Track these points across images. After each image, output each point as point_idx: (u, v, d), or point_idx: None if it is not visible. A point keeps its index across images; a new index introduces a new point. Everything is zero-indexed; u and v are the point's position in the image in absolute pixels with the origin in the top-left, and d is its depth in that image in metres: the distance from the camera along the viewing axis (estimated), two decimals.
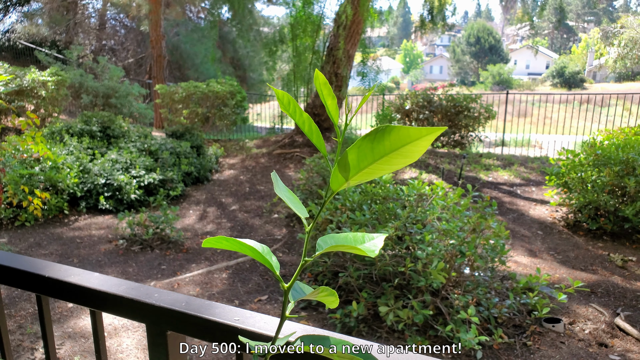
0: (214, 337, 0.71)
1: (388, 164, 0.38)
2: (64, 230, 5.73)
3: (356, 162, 0.38)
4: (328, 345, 0.42)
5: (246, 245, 0.45)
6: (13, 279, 0.87)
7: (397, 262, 3.47)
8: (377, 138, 0.37)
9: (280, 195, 0.48)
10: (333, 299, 0.44)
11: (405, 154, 0.37)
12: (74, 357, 3.22)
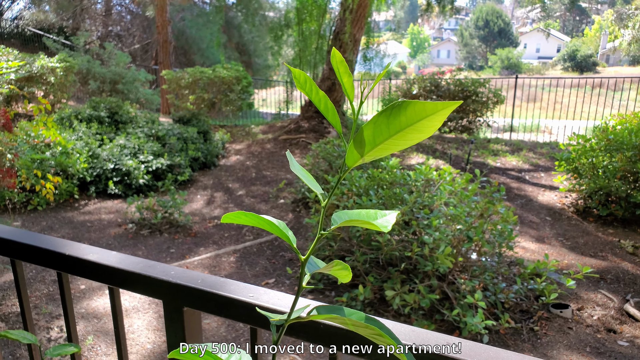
0: (229, 312, 0.73)
1: (403, 139, 0.40)
2: (75, 214, 5.80)
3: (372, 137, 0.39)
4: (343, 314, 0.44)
5: (264, 220, 0.46)
6: (35, 257, 0.90)
7: (403, 246, 3.49)
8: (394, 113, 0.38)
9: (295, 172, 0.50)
10: (346, 273, 0.46)
11: (420, 129, 0.39)
12: (88, 337, 3.29)
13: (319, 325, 0.65)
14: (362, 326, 0.42)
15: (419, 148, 8.66)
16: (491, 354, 0.57)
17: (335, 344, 0.66)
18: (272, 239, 5.20)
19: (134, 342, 3.28)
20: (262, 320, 0.71)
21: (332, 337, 0.65)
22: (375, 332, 0.42)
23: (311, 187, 0.48)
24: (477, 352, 0.58)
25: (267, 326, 0.69)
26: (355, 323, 0.42)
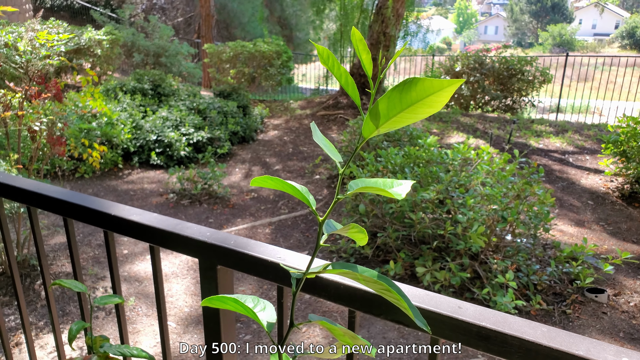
0: (258, 272, 0.78)
1: (414, 113, 0.43)
2: (119, 183, 6.06)
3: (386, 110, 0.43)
4: (355, 270, 0.48)
5: (288, 184, 0.51)
6: (85, 216, 0.99)
7: (437, 225, 3.50)
8: (405, 89, 0.41)
9: (317, 141, 0.54)
10: (362, 235, 0.50)
11: (429, 103, 0.42)
12: (130, 298, 3.49)
13: (339, 285, 0.70)
14: (372, 281, 0.46)
15: (459, 127, 8.51)
16: (499, 319, 0.60)
17: (354, 304, 0.70)
18: (307, 213, 5.29)
19: (172, 305, 3.46)
20: (287, 279, 0.76)
21: (352, 298, 0.70)
22: (384, 287, 0.46)
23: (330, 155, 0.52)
24: (486, 316, 0.61)
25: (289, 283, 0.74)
26: (366, 278, 0.46)
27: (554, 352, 0.55)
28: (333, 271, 0.49)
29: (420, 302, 0.64)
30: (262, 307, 0.56)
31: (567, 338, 0.56)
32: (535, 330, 0.58)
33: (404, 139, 6.00)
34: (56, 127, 3.50)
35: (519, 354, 0.58)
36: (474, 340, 0.60)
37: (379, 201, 3.92)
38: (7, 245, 1.23)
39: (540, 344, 0.56)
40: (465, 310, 0.62)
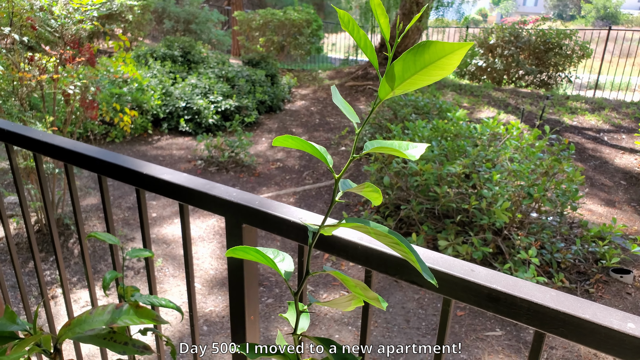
0: (281, 230, 0.82)
1: (427, 75, 0.44)
2: (148, 149, 6.19)
3: (401, 73, 0.44)
4: (367, 225, 0.50)
5: (308, 144, 0.53)
6: (118, 174, 1.04)
7: (461, 199, 3.49)
8: (419, 52, 0.43)
9: (336, 102, 0.55)
10: (377, 195, 0.52)
11: (441, 66, 0.43)
12: (158, 259, 3.62)
13: (357, 245, 0.73)
14: (382, 235, 0.49)
15: (490, 102, 8.33)
16: (510, 282, 0.62)
17: (370, 264, 0.73)
18: (331, 184, 5.32)
19: (198, 267, 3.57)
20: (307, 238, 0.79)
21: (368, 258, 0.73)
22: (394, 241, 0.49)
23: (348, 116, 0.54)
24: (497, 279, 0.63)
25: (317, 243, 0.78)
26: (377, 232, 0.49)
27: (560, 314, 0.57)
28: (346, 225, 0.52)
29: (434, 264, 0.67)
30: (281, 258, 0.60)
31: (574, 302, 0.58)
32: (544, 294, 0.59)
33: (433, 112, 5.92)
34: (89, 91, 3.58)
35: (527, 316, 0.60)
36: (485, 301, 0.63)
37: (404, 174, 3.92)
38: (47, 203, 1.30)
39: (548, 307, 0.58)
40: (477, 273, 0.64)
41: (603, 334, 0.54)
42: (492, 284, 0.62)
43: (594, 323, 0.55)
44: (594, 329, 0.55)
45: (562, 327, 0.57)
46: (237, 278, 0.93)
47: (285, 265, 0.59)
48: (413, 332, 2.89)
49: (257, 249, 0.54)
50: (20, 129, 1.26)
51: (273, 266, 0.56)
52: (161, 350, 1.15)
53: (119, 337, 0.87)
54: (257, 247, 0.67)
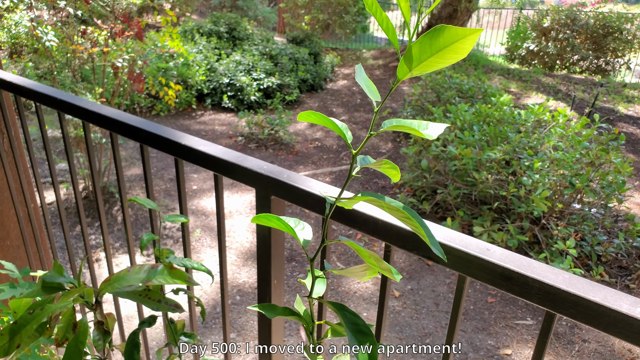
0: (306, 203, 0.85)
1: (442, 58, 0.46)
2: (191, 123, 6.35)
3: (418, 54, 0.46)
4: (382, 199, 0.52)
5: (329, 120, 0.55)
6: (159, 144, 1.09)
7: (499, 185, 3.43)
8: (435, 35, 0.45)
9: (358, 80, 0.57)
10: (395, 172, 0.54)
11: (455, 49, 0.45)
12: (196, 229, 3.75)
13: (377, 220, 0.75)
14: (395, 209, 0.51)
15: (540, 87, 8.04)
16: (524, 263, 0.63)
17: (390, 239, 0.76)
18: None
19: (234, 239, 3.68)
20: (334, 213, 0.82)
21: (388, 233, 0.75)
22: (405, 215, 0.51)
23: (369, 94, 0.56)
24: (512, 259, 0.64)
25: (334, 216, 0.81)
26: (390, 206, 0.51)
27: (571, 296, 0.58)
28: (361, 198, 0.54)
29: (451, 242, 0.68)
30: (301, 227, 0.63)
31: (586, 285, 0.58)
32: (557, 276, 0.60)
33: (478, 96, 5.79)
34: (136, 64, 3.70)
35: (538, 295, 0.61)
36: (498, 280, 0.64)
37: (442, 158, 3.88)
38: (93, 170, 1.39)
39: (559, 288, 0.59)
40: (492, 253, 0.66)
41: (612, 317, 0.55)
42: (506, 263, 0.63)
43: (604, 306, 0.55)
44: (603, 312, 0.56)
45: (572, 309, 0.59)
46: (264, 246, 0.97)
47: (304, 233, 0.62)
48: (442, 315, 2.90)
49: (279, 217, 0.58)
50: (72, 98, 1.34)
51: (292, 233, 0.60)
52: (193, 310, 1.22)
53: (153, 294, 0.94)
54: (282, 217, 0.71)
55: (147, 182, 1.19)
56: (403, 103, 7.37)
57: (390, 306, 2.99)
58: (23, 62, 3.96)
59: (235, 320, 2.87)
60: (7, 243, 1.83)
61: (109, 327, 0.96)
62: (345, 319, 0.55)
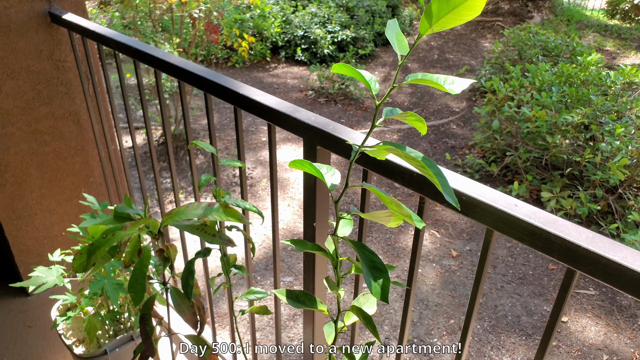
0: (348, 154, 0.90)
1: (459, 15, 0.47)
2: (264, 75, 6.47)
3: (437, 11, 0.48)
4: (402, 149, 0.55)
5: (357, 71, 0.58)
6: (219, 92, 1.17)
7: (574, 150, 3.25)
8: None
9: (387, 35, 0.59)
10: (421, 124, 0.56)
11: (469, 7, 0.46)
12: (263, 179, 3.91)
13: (412, 173, 0.78)
14: (411, 158, 0.54)
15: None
16: (549, 219, 0.64)
17: (423, 191, 0.78)
18: (439, 124, 5.20)
19: (297, 191, 3.81)
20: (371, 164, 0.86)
21: (422, 185, 0.78)
22: (421, 164, 0.53)
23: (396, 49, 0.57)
24: (538, 216, 0.65)
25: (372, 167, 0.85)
26: (407, 155, 0.54)
27: (590, 254, 0.59)
28: (383, 147, 0.57)
29: (480, 196, 0.70)
30: (331, 173, 0.68)
31: (608, 244, 0.59)
32: (581, 234, 0.61)
33: (565, 55, 5.40)
34: (212, 15, 3.81)
35: (559, 251, 0.62)
36: (521, 234, 0.66)
37: (515, 119, 3.71)
38: (164, 116, 1.50)
39: (580, 245, 0.59)
40: (520, 209, 0.67)
41: (629, 275, 0.56)
42: (531, 219, 0.65)
43: (622, 265, 0.56)
44: (621, 270, 0.56)
45: (590, 266, 0.59)
46: (310, 192, 1.03)
47: (332, 179, 0.66)
48: (498, 278, 2.88)
49: (310, 163, 0.63)
50: (145, 47, 1.44)
51: (320, 177, 0.65)
52: (247, 248, 1.33)
53: (209, 229, 1.03)
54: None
55: (210, 129, 1.28)
56: (482, 60, 7.03)
57: (446, 265, 3.00)
58: (110, 12, 4.20)
59: (294, 265, 3.01)
60: (91, 180, 2.04)
61: (169, 255, 1.08)
62: (363, 257, 0.60)
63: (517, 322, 2.59)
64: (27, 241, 2.03)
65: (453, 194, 0.55)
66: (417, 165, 0.54)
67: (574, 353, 2.43)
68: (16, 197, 1.92)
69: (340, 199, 0.65)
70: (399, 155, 0.55)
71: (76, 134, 1.96)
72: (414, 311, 2.67)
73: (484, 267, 0.76)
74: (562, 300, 0.67)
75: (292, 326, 2.58)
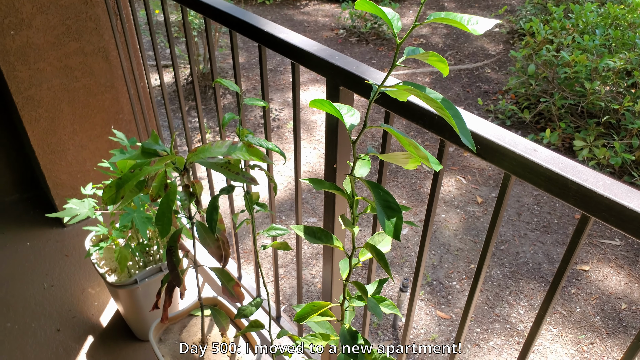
0: (368, 95, 0.89)
1: None
2: (295, 13, 6.31)
3: None
4: (422, 90, 0.55)
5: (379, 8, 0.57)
6: (244, 29, 1.16)
7: (613, 98, 3.12)
8: None
9: None
10: (443, 65, 0.55)
11: None
12: (289, 122, 3.92)
13: (434, 115, 0.77)
14: (429, 99, 0.53)
15: None
16: (568, 165, 0.63)
17: (444, 134, 0.78)
18: (473, 68, 5.02)
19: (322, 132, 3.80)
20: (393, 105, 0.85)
21: (442, 128, 0.77)
22: (439, 105, 0.53)
23: None
24: (557, 161, 0.64)
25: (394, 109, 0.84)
26: (426, 96, 0.53)
27: (605, 200, 0.58)
28: (403, 87, 0.57)
29: (499, 140, 0.69)
30: (351, 113, 0.68)
31: (624, 191, 0.58)
32: (598, 181, 0.60)
33: None
34: None
35: (575, 197, 0.62)
36: (538, 179, 0.65)
37: (553, 64, 3.56)
38: (190, 54, 1.50)
39: (596, 192, 0.59)
40: (539, 154, 0.66)
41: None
42: (550, 164, 0.64)
43: (636, 212, 0.56)
44: (634, 217, 0.56)
45: (605, 212, 0.59)
46: (332, 134, 1.04)
47: (352, 119, 0.67)
48: (522, 225, 2.87)
49: (330, 102, 0.63)
50: None
51: (339, 116, 0.65)
52: (270, 188, 1.36)
53: (233, 167, 1.06)
54: None
55: (235, 67, 1.27)
56: (523, 0, 6.66)
57: (470, 211, 3.01)
58: None
59: (318, 207, 3.07)
60: (121, 116, 2.08)
61: (195, 191, 1.12)
62: (377, 196, 0.61)
63: (537, 269, 2.61)
64: (61, 175, 2.12)
65: (470, 135, 0.55)
66: (435, 107, 0.54)
67: (592, 301, 2.45)
68: (50, 132, 1.99)
69: (357, 140, 0.65)
70: (418, 95, 0.54)
71: (105, 70, 1.99)
72: (435, 255, 2.71)
73: (499, 211, 0.77)
74: (574, 245, 0.68)
75: (315, 264, 2.67)
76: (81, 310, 1.93)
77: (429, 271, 2.61)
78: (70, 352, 1.78)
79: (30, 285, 2.01)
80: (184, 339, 1.50)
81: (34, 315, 1.90)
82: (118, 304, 1.83)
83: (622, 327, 2.33)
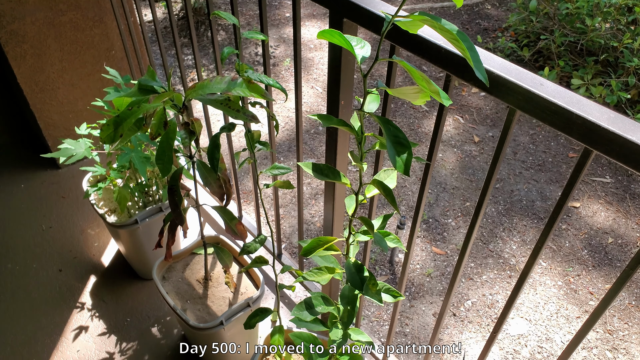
0: (377, 28, 0.87)
1: None
2: None
3: None
4: (438, 20, 0.53)
5: None
6: None
7: (613, 35, 3.06)
8: None
9: None
10: None
11: None
12: (286, 59, 3.83)
13: (440, 49, 0.76)
14: (445, 30, 0.52)
15: None
16: (573, 99, 0.63)
17: (451, 68, 0.77)
18: (473, 4, 4.87)
19: (321, 72, 3.73)
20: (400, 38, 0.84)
21: (449, 62, 0.76)
22: (454, 37, 0.52)
23: None
24: (562, 95, 0.64)
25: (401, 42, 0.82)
26: (442, 27, 0.52)
27: (609, 133, 0.59)
28: (417, 17, 0.55)
29: (506, 73, 0.69)
30: (362, 45, 0.66)
31: (628, 124, 0.59)
32: (602, 114, 0.61)
33: None
34: None
35: (579, 131, 0.62)
36: (543, 113, 0.65)
37: None
38: None
39: (599, 125, 0.60)
40: (545, 88, 0.66)
41: None
42: (555, 98, 0.64)
43: (637, 144, 0.57)
44: (635, 150, 0.57)
45: (607, 145, 0.60)
46: (335, 70, 1.02)
47: (362, 51, 0.65)
48: (517, 164, 2.91)
49: (340, 34, 0.61)
50: None
51: (350, 49, 0.64)
52: (270, 125, 1.35)
53: (233, 104, 1.05)
54: None
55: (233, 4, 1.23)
56: None
57: (467, 150, 3.02)
58: None
59: (317, 147, 3.07)
60: (112, 53, 2.03)
61: (194, 129, 1.11)
62: (388, 132, 0.61)
63: (530, 206, 2.67)
64: (52, 115, 2.09)
65: (484, 69, 0.54)
66: (450, 38, 0.53)
67: (581, 236, 2.53)
68: (37, 70, 1.94)
69: (369, 73, 0.65)
70: (433, 26, 0.53)
71: (92, 3, 1.91)
72: (431, 193, 2.75)
73: (503, 146, 0.78)
74: (575, 179, 0.69)
75: (314, 204, 2.71)
76: (82, 250, 1.96)
77: (425, 209, 2.66)
78: (74, 291, 1.83)
79: (29, 227, 2.03)
80: (187, 276, 1.54)
81: (35, 256, 1.93)
82: (119, 244, 1.86)
83: (607, 259, 2.43)
